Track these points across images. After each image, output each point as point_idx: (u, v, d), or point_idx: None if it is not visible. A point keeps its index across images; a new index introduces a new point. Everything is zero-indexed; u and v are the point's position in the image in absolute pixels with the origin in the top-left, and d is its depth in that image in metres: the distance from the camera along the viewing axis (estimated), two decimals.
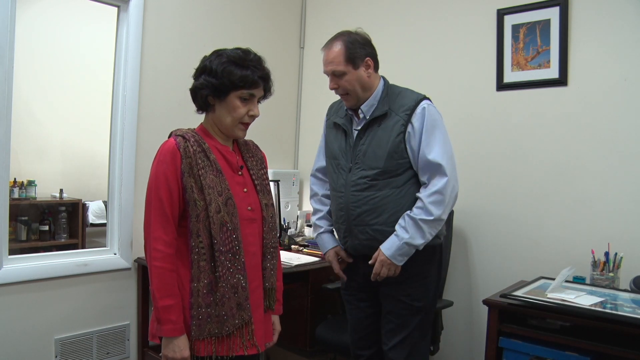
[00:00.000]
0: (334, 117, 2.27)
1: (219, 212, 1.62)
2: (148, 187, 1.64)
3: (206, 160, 1.66)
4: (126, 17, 2.80)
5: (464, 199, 2.92)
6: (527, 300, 2.10)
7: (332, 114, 2.30)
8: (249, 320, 1.66)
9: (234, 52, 1.68)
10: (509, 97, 2.80)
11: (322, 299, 3.04)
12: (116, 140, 2.82)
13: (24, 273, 2.44)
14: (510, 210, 2.80)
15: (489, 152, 2.88)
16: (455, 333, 2.98)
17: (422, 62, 3.18)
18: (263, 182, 1.82)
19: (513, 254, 2.78)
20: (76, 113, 4.31)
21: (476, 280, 2.93)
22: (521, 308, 2.12)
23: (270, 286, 1.77)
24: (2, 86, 2.32)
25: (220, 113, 1.70)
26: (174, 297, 1.60)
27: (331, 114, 2.32)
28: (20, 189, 3.78)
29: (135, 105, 2.83)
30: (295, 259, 3.03)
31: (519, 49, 2.73)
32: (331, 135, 2.27)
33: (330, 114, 2.33)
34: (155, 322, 1.62)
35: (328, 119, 2.33)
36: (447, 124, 3.01)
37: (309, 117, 3.88)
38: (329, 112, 2.36)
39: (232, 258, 1.63)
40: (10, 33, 2.35)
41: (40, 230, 3.95)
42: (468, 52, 2.97)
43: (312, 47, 3.86)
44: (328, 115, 2.35)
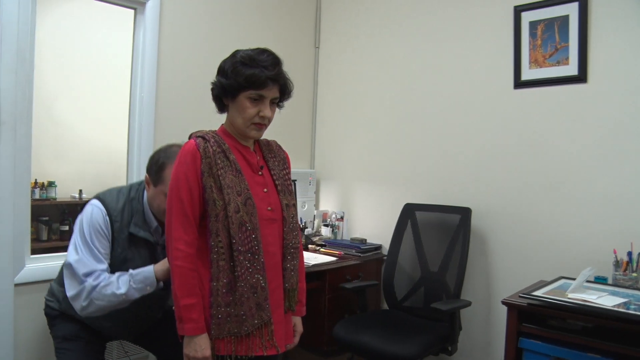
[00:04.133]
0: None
1: (237, 212, 1.62)
2: (169, 188, 1.66)
3: (225, 161, 1.66)
4: (143, 20, 2.82)
5: (481, 198, 2.92)
6: (547, 300, 2.07)
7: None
8: (268, 320, 1.66)
9: (247, 53, 1.68)
10: (527, 94, 2.78)
11: (339, 298, 3.04)
12: (134, 141, 2.84)
13: (46, 272, 2.47)
14: (529, 209, 2.77)
15: (506, 150, 2.85)
16: (473, 333, 2.96)
17: (438, 61, 3.16)
18: (284, 182, 1.82)
19: (532, 254, 2.75)
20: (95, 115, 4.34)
21: (494, 280, 2.91)
22: (541, 308, 2.10)
23: (290, 287, 1.77)
24: (23, 89, 2.35)
25: (233, 113, 1.71)
26: (195, 296, 1.61)
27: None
28: (41, 189, 3.83)
29: (152, 107, 2.85)
30: (312, 259, 3.04)
31: (537, 46, 2.70)
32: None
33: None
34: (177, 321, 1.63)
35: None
36: (464, 122, 3.02)
37: (325, 117, 3.87)
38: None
39: (251, 258, 1.63)
40: (30, 37, 2.38)
41: (61, 230, 3.99)
42: (484, 50, 2.95)
43: (327, 47, 3.86)
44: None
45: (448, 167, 3.12)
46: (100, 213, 1.96)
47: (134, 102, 2.85)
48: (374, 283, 3.07)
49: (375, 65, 3.53)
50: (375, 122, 3.53)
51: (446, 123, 3.13)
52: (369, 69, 3.57)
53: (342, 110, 3.76)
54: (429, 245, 2.97)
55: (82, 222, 1.95)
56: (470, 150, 3.01)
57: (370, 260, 3.29)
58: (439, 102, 3.16)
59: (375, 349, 2.46)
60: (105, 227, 1.95)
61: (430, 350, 2.52)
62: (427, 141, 3.23)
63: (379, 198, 3.50)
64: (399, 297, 2.99)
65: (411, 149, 3.31)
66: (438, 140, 3.17)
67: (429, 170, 3.22)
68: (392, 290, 3.01)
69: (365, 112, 3.60)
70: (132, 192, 2.07)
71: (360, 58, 3.63)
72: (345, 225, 3.63)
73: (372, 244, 3.40)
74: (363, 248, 3.29)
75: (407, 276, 3.01)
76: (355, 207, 3.65)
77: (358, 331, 2.59)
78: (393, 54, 3.42)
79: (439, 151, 3.17)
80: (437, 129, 3.18)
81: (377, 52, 3.52)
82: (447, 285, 2.80)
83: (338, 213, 3.66)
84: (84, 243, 1.92)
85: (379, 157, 3.50)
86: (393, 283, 3.01)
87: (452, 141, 3.10)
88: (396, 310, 2.98)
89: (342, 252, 3.28)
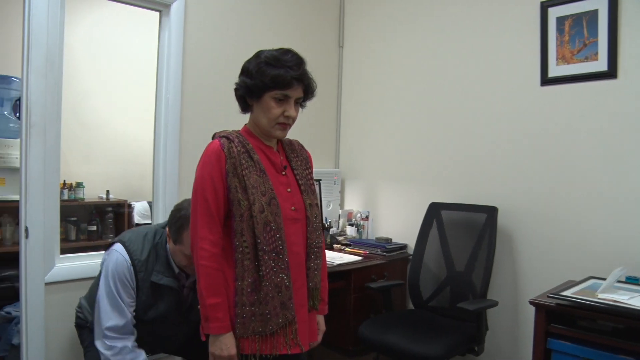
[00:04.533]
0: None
1: (262, 212, 1.63)
2: (194, 188, 1.67)
3: (250, 161, 1.67)
4: (168, 22, 2.85)
5: (508, 197, 2.88)
6: (576, 300, 2.03)
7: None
8: (292, 319, 1.67)
9: (271, 53, 1.69)
10: (554, 91, 2.73)
11: (364, 298, 3.03)
12: (160, 142, 2.87)
13: (75, 271, 2.52)
14: (557, 207, 2.72)
15: (533, 148, 2.81)
16: (500, 333, 2.92)
17: (464, 58, 3.13)
18: (307, 182, 1.82)
19: (560, 253, 2.70)
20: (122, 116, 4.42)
21: (522, 280, 2.87)
22: (570, 309, 2.06)
23: (314, 286, 1.77)
24: (52, 92, 2.40)
25: (257, 113, 1.72)
26: (221, 295, 1.62)
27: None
28: (70, 190, 3.90)
29: (177, 108, 2.88)
30: (337, 258, 3.03)
31: (564, 42, 2.65)
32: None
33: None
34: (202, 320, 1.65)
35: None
36: (490, 120, 2.98)
37: (350, 116, 3.87)
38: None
39: (275, 257, 1.64)
40: (59, 42, 2.43)
41: (89, 230, 4.06)
42: (510, 47, 2.91)
43: (352, 46, 3.85)
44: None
45: (474, 166, 3.09)
46: (125, 263, 2.03)
47: (159, 103, 2.88)
48: (399, 283, 3.06)
49: (399, 64, 3.51)
50: (400, 121, 3.51)
51: (472, 121, 3.09)
52: (393, 68, 3.55)
53: (366, 109, 3.75)
54: (454, 244, 2.94)
55: (107, 270, 2.03)
56: (496, 149, 2.97)
57: (396, 259, 3.28)
58: (465, 100, 3.13)
59: (401, 348, 2.45)
60: (130, 277, 2.03)
61: (456, 351, 2.50)
62: (452, 140, 3.20)
63: (404, 197, 3.48)
64: (425, 296, 2.97)
65: (436, 148, 3.28)
66: (463, 138, 3.14)
67: (454, 169, 3.19)
68: (417, 289, 2.99)
69: (389, 111, 3.58)
70: (156, 236, 2.14)
71: (385, 56, 3.61)
72: (370, 224, 3.62)
73: (398, 243, 3.39)
74: (388, 247, 3.27)
75: (432, 276, 2.99)
76: (380, 207, 3.63)
77: (384, 331, 2.58)
78: (417, 51, 3.39)
79: (464, 150, 3.14)
80: (463, 127, 3.14)
81: (402, 50, 3.50)
82: (473, 284, 2.77)
83: (363, 212, 3.65)
84: (108, 293, 2.01)
85: (404, 156, 3.48)
86: (419, 283, 2.99)
87: (477, 139, 3.07)
88: (422, 310, 2.96)
89: (368, 252, 3.27)
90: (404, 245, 3.40)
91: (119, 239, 2.11)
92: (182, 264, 2.07)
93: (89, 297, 2.23)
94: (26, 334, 2.35)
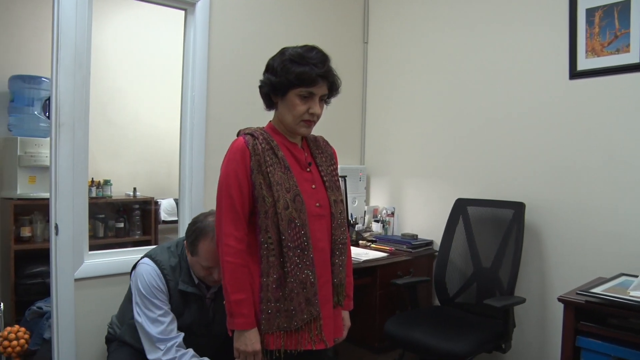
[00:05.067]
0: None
1: (287, 209, 1.63)
2: (219, 185, 1.68)
3: (274, 158, 1.68)
4: (193, 20, 2.87)
5: (535, 192, 2.84)
6: (607, 297, 1.99)
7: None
8: (317, 315, 1.67)
9: (295, 50, 1.69)
10: (584, 85, 2.67)
11: (390, 294, 3.02)
12: (186, 139, 2.90)
13: (103, 268, 2.56)
14: (585, 203, 2.67)
15: (561, 143, 2.76)
16: (528, 331, 2.89)
17: (490, 52, 3.09)
18: (332, 179, 1.82)
19: (590, 249, 2.65)
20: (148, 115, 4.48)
21: (550, 277, 2.82)
22: (601, 306, 2.02)
23: (339, 282, 1.77)
24: (80, 92, 2.43)
25: (282, 111, 1.72)
26: (245, 291, 1.63)
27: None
28: (97, 188, 3.96)
29: (203, 106, 2.90)
30: (363, 255, 3.03)
31: (594, 34, 2.59)
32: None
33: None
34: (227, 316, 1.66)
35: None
36: (517, 115, 2.94)
37: (375, 112, 3.85)
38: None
39: (300, 254, 1.64)
40: (87, 43, 2.46)
41: (116, 227, 4.12)
42: (538, 40, 2.85)
43: (376, 42, 3.83)
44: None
45: (500, 162, 3.05)
46: (155, 272, 2.07)
47: (185, 101, 2.90)
48: (425, 279, 3.04)
49: (424, 59, 3.48)
50: (425, 117, 3.48)
51: (498, 116, 3.05)
52: (418, 63, 3.53)
53: (391, 106, 3.73)
54: (481, 240, 2.91)
55: (138, 287, 2.06)
56: (523, 144, 2.93)
57: (422, 256, 3.26)
58: (491, 95, 3.09)
59: (427, 345, 2.44)
60: (162, 283, 2.07)
61: (483, 348, 2.47)
62: (478, 135, 3.16)
63: (430, 193, 3.46)
64: (451, 293, 2.95)
65: (462, 143, 3.25)
66: (490, 133, 3.10)
67: (480, 165, 3.15)
68: (443, 286, 2.97)
69: (415, 107, 3.55)
70: (178, 248, 2.18)
71: (409, 52, 3.58)
72: (396, 220, 3.60)
73: (423, 239, 3.36)
74: (414, 244, 3.26)
75: (459, 272, 2.96)
76: (406, 203, 3.61)
77: (410, 327, 2.57)
78: (443, 47, 3.36)
79: (490, 145, 3.10)
80: (489, 122, 3.10)
81: (427, 45, 3.47)
82: (500, 281, 2.74)
83: (389, 209, 3.64)
84: (144, 312, 2.03)
85: (430, 152, 3.45)
86: (445, 279, 2.97)
87: (504, 134, 3.02)
88: (448, 307, 2.94)
89: (393, 248, 3.26)
90: (430, 241, 3.38)
91: (144, 254, 2.16)
92: (200, 275, 2.09)
93: (119, 315, 2.29)
94: (57, 329, 2.40)
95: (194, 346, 2.10)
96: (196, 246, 2.03)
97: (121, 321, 2.23)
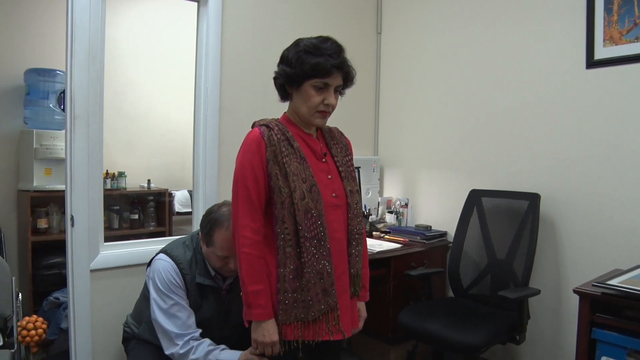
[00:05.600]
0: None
1: (303, 199, 1.63)
2: (235, 177, 1.68)
3: (290, 148, 1.68)
4: (206, 12, 2.87)
5: (550, 184, 2.82)
6: (623, 289, 1.97)
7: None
8: (334, 305, 1.67)
9: (310, 41, 1.68)
10: (601, 74, 2.63)
11: (404, 285, 3.02)
12: (199, 131, 2.91)
13: (118, 259, 2.59)
14: (602, 194, 2.64)
15: (578, 133, 2.73)
16: (542, 322, 2.87)
17: (504, 42, 3.06)
18: (348, 169, 1.82)
19: (606, 241, 2.63)
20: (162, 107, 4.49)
21: (565, 268, 2.80)
22: (617, 298, 2.01)
23: (355, 272, 1.78)
24: (94, 84, 2.45)
25: (297, 102, 1.72)
26: (262, 282, 1.64)
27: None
28: (112, 180, 3.98)
29: (216, 97, 2.90)
30: (377, 246, 3.03)
31: (612, 22, 2.55)
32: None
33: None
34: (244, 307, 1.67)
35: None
36: (531, 105, 2.91)
37: (388, 103, 3.83)
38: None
39: (317, 244, 1.64)
40: (101, 36, 2.47)
41: (131, 219, 4.15)
42: (553, 29, 2.82)
43: (390, 33, 3.80)
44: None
45: (515, 152, 3.02)
46: (172, 267, 2.07)
47: (198, 93, 2.91)
48: (439, 270, 3.03)
49: (438, 49, 3.46)
50: (439, 108, 3.46)
51: (513, 106, 3.03)
52: (432, 53, 3.50)
53: (405, 96, 3.71)
54: (495, 232, 2.89)
55: (156, 281, 2.06)
56: (538, 134, 2.90)
57: (436, 247, 3.25)
58: (505, 85, 3.06)
59: (441, 336, 2.43)
60: (179, 278, 2.07)
61: (497, 339, 2.47)
62: (492, 125, 3.14)
63: (444, 184, 3.44)
64: (465, 284, 2.94)
65: (476, 134, 3.23)
66: (504, 124, 3.08)
67: (495, 156, 3.13)
68: (457, 277, 2.96)
69: (429, 98, 3.53)
70: (193, 242, 2.18)
71: (423, 42, 3.56)
72: (409, 212, 3.60)
73: (437, 230, 3.36)
74: (428, 235, 3.25)
75: (473, 263, 2.95)
76: (420, 194, 3.60)
77: (423, 319, 2.57)
78: (457, 36, 3.33)
79: (505, 136, 3.07)
80: (503, 112, 3.08)
81: (441, 35, 3.44)
82: (514, 273, 2.73)
83: (402, 200, 3.63)
84: (161, 308, 2.04)
85: (444, 142, 3.43)
86: (459, 270, 2.96)
87: (519, 125, 3.00)
88: (462, 298, 2.93)
89: (407, 239, 3.25)
90: (444, 232, 3.37)
91: (160, 250, 2.17)
92: (216, 266, 2.10)
93: (134, 314, 2.30)
94: (74, 319, 2.43)
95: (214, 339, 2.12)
96: (211, 236, 2.04)
97: (138, 320, 2.24)
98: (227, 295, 2.20)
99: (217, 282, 2.16)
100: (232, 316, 2.19)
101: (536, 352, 2.92)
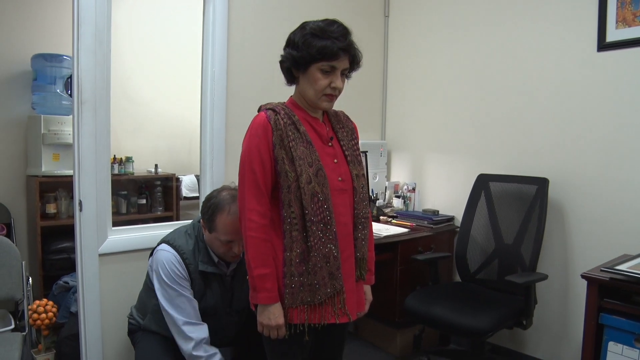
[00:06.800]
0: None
1: (310, 183, 1.63)
2: (241, 161, 1.68)
3: (296, 132, 1.67)
4: None
5: (559, 168, 2.80)
6: (632, 275, 1.97)
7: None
8: (340, 289, 1.68)
9: (316, 24, 1.66)
10: (613, 57, 2.60)
11: (411, 270, 3.03)
12: (206, 115, 2.90)
13: (126, 243, 2.60)
14: (611, 179, 2.63)
15: (587, 117, 2.70)
16: (549, 307, 2.87)
17: (514, 24, 3.02)
18: (354, 153, 1.81)
19: (615, 226, 2.61)
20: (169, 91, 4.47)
21: (573, 254, 2.79)
22: (625, 283, 2.00)
23: (361, 256, 1.78)
24: (101, 69, 2.44)
25: (303, 85, 1.71)
26: (269, 266, 1.64)
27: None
28: (120, 165, 3.99)
29: (223, 81, 2.89)
30: (384, 230, 3.03)
31: (626, 2, 2.50)
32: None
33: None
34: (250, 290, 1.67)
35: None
36: (541, 88, 2.88)
37: (396, 87, 3.81)
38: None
39: (323, 228, 1.64)
40: (107, 19, 2.46)
41: (139, 204, 4.16)
42: (563, 10, 2.78)
43: (397, 16, 3.77)
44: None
45: (523, 137, 3.00)
46: (175, 258, 2.07)
47: (205, 77, 2.89)
48: (446, 255, 3.03)
49: (446, 33, 3.42)
50: (447, 92, 3.44)
51: (522, 90, 3.00)
52: (440, 37, 3.47)
53: (413, 80, 3.68)
54: (503, 216, 2.88)
55: (159, 272, 2.06)
56: (547, 118, 2.88)
57: (443, 231, 3.25)
58: (514, 68, 3.03)
59: (447, 321, 2.44)
60: (182, 268, 2.07)
61: (504, 324, 2.47)
62: (501, 110, 3.11)
63: (451, 169, 3.43)
64: (472, 269, 2.94)
65: (484, 118, 3.20)
66: (513, 108, 3.05)
67: (503, 140, 3.11)
68: (464, 262, 2.96)
69: (436, 81, 3.50)
70: (195, 229, 2.18)
71: (431, 25, 3.52)
72: (417, 196, 3.59)
73: (445, 215, 3.35)
74: (435, 219, 3.24)
75: (480, 248, 2.94)
76: (428, 178, 3.59)
77: (430, 303, 2.57)
78: (465, 19, 3.29)
79: (513, 120, 3.05)
80: (512, 96, 3.05)
81: (449, 18, 3.40)
82: (522, 257, 2.72)
83: (410, 184, 3.62)
84: (167, 297, 2.05)
85: (452, 127, 3.41)
86: (466, 255, 2.96)
87: (527, 109, 2.97)
88: (469, 283, 2.93)
89: (414, 224, 3.25)
90: (451, 217, 3.37)
91: (161, 240, 2.17)
92: (219, 252, 2.10)
93: (139, 306, 2.32)
94: (83, 302, 2.45)
95: (220, 326, 2.12)
96: (213, 221, 2.04)
97: (143, 312, 2.25)
98: (231, 281, 2.21)
99: (221, 268, 2.16)
100: (236, 302, 2.20)
101: (543, 337, 2.92)
